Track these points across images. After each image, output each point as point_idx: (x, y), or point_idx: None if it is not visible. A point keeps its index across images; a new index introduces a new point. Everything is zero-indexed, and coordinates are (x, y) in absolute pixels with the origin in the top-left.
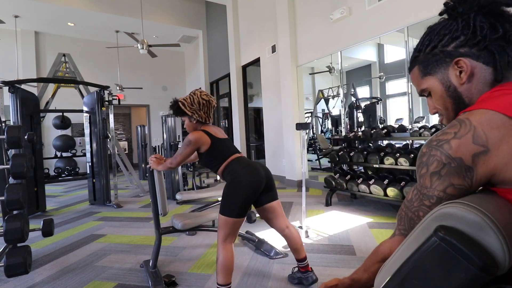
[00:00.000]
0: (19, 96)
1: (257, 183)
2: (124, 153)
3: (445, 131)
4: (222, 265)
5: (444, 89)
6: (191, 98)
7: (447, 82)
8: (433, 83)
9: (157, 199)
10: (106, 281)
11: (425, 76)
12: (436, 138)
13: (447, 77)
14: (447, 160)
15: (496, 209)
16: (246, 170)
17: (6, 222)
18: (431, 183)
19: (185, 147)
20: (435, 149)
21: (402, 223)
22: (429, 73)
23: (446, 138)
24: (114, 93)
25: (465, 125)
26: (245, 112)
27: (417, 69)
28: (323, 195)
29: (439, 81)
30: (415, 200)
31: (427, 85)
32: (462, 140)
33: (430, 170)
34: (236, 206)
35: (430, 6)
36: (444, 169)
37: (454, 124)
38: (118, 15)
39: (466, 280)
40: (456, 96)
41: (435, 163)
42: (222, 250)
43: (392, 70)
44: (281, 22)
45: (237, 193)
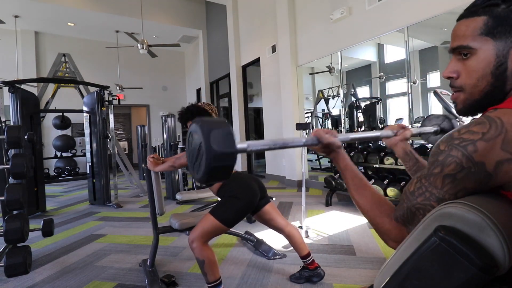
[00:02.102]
0: (19, 96)
1: (253, 202)
2: (124, 153)
3: (471, 129)
4: (210, 265)
5: (494, 63)
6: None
7: (503, 57)
8: (488, 49)
9: (154, 199)
10: (106, 281)
11: (486, 36)
12: (459, 136)
13: (507, 52)
14: (468, 164)
15: (497, 209)
16: (244, 190)
17: (6, 222)
18: (442, 185)
19: None
20: (456, 149)
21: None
22: (494, 35)
23: (472, 138)
24: (114, 93)
25: (496, 126)
26: (245, 112)
27: (481, 21)
28: (323, 195)
29: (496, 51)
30: (418, 195)
31: (480, 46)
32: (490, 143)
33: (445, 172)
34: (233, 218)
35: (430, 6)
36: (461, 173)
37: (482, 122)
38: (118, 15)
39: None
40: (500, 79)
41: (453, 165)
42: (204, 252)
43: (392, 70)
44: (281, 22)
45: (237, 208)
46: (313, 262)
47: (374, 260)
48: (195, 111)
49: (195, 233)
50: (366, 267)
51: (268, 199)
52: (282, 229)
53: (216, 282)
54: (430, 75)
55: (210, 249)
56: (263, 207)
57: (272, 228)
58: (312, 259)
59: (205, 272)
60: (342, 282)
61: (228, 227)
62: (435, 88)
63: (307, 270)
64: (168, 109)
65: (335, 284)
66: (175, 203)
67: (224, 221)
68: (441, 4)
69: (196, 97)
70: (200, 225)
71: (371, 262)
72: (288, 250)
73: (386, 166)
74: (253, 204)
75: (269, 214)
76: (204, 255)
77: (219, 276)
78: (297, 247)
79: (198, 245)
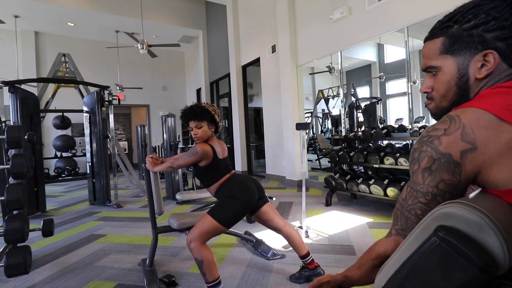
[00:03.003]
0: (19, 96)
1: (251, 202)
2: (124, 153)
3: (435, 127)
4: (208, 265)
5: (456, 76)
6: (214, 110)
7: (463, 70)
8: (449, 64)
9: (153, 199)
10: (106, 281)
11: (445, 54)
12: (427, 134)
13: (467, 65)
14: (437, 156)
15: (496, 209)
16: (242, 191)
17: (6, 222)
18: (423, 179)
19: (190, 155)
20: (425, 144)
21: (398, 223)
22: (452, 52)
23: (436, 134)
24: (114, 93)
25: (454, 122)
26: (245, 112)
27: (440, 42)
28: (323, 195)
29: (456, 66)
30: (409, 198)
31: (441, 64)
32: (451, 136)
33: (422, 166)
34: (232, 218)
35: (430, 6)
36: (434, 165)
37: (444, 120)
38: (118, 15)
39: (466, 280)
40: (464, 88)
41: (426, 158)
42: (202, 252)
43: (392, 70)
44: (281, 22)
45: (236, 209)
46: (312, 261)
47: None
48: (199, 111)
49: (193, 234)
50: None
51: (266, 200)
52: (280, 229)
53: (215, 282)
54: None
55: (209, 249)
56: (261, 207)
57: (270, 228)
58: (311, 259)
59: (204, 272)
60: None
61: (226, 227)
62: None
63: (307, 269)
64: (168, 109)
65: None
66: (175, 203)
67: (222, 221)
68: (441, 4)
69: (196, 97)
70: (198, 225)
71: None
72: (288, 250)
73: (386, 166)
74: (251, 205)
75: (267, 215)
76: (202, 255)
77: (218, 275)
78: (296, 247)
79: (196, 245)
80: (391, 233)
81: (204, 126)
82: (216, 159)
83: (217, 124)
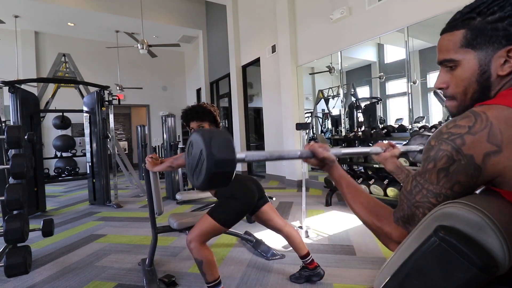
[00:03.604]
0: (19, 96)
1: (251, 202)
2: (124, 153)
3: (458, 124)
4: (208, 265)
5: (477, 72)
6: (214, 110)
7: (485, 65)
8: (470, 59)
9: (153, 199)
10: (106, 281)
11: (466, 48)
12: (447, 130)
13: (489, 60)
14: (458, 157)
15: (497, 209)
16: (242, 191)
17: (6, 222)
18: (437, 179)
19: None
20: (445, 143)
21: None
22: (473, 46)
23: (459, 132)
24: (114, 93)
25: (481, 120)
26: (245, 112)
27: (460, 34)
28: (323, 195)
29: (477, 61)
30: (416, 193)
31: (462, 58)
32: (477, 136)
33: (438, 166)
34: (232, 218)
35: (430, 6)
36: (453, 166)
37: (468, 116)
38: (118, 15)
39: (466, 280)
40: (485, 85)
41: (444, 158)
42: (202, 252)
43: (392, 70)
44: (281, 22)
45: (235, 208)
46: (312, 261)
47: (374, 260)
48: (201, 111)
49: (193, 234)
50: (366, 267)
51: (266, 200)
52: (280, 229)
53: (215, 282)
54: (430, 75)
55: (208, 249)
56: (261, 207)
57: (270, 228)
58: (311, 259)
59: (204, 272)
60: (342, 282)
61: (226, 227)
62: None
63: (306, 269)
64: (168, 109)
65: (335, 284)
66: (175, 203)
67: (222, 221)
68: (441, 4)
69: (196, 97)
70: (198, 225)
71: (371, 262)
72: (287, 250)
73: None
74: (251, 205)
75: (267, 215)
76: (202, 256)
77: (218, 275)
78: (296, 247)
79: (196, 246)
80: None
81: (206, 126)
82: None
83: (218, 125)
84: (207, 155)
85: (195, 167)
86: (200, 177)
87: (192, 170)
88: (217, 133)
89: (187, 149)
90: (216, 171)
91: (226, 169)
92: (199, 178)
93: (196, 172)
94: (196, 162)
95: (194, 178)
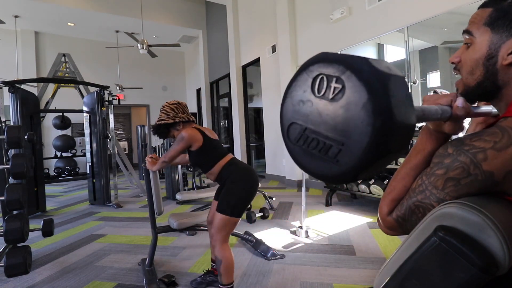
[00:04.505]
0: (19, 96)
1: (256, 185)
2: (124, 153)
3: (482, 137)
4: (226, 266)
5: (485, 55)
6: (163, 111)
7: (494, 50)
8: (484, 40)
9: (153, 199)
10: (106, 281)
11: (487, 26)
12: (470, 142)
13: (499, 46)
14: (475, 172)
15: (497, 210)
16: (246, 172)
17: (6, 222)
18: (443, 186)
19: (178, 143)
20: (465, 155)
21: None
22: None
23: (483, 146)
24: (114, 93)
25: (508, 136)
26: (245, 112)
27: (488, 12)
28: (323, 195)
29: (489, 43)
30: (419, 193)
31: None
32: (502, 153)
33: (449, 175)
34: (239, 205)
35: (430, 6)
36: (466, 179)
37: (494, 132)
38: (118, 15)
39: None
40: (491, 71)
41: (459, 170)
42: (223, 252)
43: None
44: (281, 22)
45: (240, 193)
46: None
47: (374, 260)
48: (159, 132)
49: (217, 238)
50: (366, 267)
51: None
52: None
53: (229, 285)
54: (430, 75)
55: (230, 250)
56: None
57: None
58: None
59: (221, 272)
60: (342, 282)
61: (237, 217)
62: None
63: (211, 275)
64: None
65: (335, 284)
66: (175, 203)
67: (230, 212)
68: (441, 4)
69: (196, 97)
70: (217, 229)
71: (371, 262)
72: (288, 250)
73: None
74: (256, 186)
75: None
76: (223, 256)
77: (233, 280)
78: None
79: (220, 246)
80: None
81: (174, 132)
82: (208, 138)
83: (180, 119)
84: (380, 114)
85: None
86: (348, 158)
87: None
88: (387, 66)
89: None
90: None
91: (401, 146)
92: (343, 161)
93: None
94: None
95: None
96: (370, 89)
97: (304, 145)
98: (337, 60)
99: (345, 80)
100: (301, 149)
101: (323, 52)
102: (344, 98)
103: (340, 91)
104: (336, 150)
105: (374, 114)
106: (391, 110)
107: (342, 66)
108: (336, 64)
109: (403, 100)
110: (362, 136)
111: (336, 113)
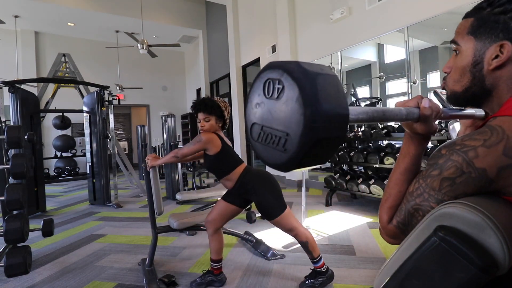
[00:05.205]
0: (19, 96)
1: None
2: (124, 153)
3: (472, 137)
4: (311, 244)
5: (471, 62)
6: (221, 102)
7: (479, 57)
8: (469, 47)
9: (153, 199)
10: (106, 281)
11: (470, 35)
12: (461, 142)
13: (483, 52)
14: (468, 169)
15: (497, 210)
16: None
17: (6, 222)
18: (440, 187)
19: (194, 143)
20: (456, 154)
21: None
22: (476, 35)
23: (473, 144)
24: (114, 93)
25: (497, 133)
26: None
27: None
28: (323, 195)
29: (473, 51)
30: (417, 196)
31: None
32: (492, 149)
33: (444, 175)
34: (277, 200)
35: (430, 6)
36: (461, 178)
37: (484, 131)
38: (118, 15)
39: (466, 280)
40: (477, 77)
41: (452, 169)
42: (303, 234)
43: (392, 70)
44: (281, 22)
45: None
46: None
47: (374, 260)
48: (210, 105)
49: (291, 233)
50: (366, 267)
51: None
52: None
53: (319, 256)
54: (430, 75)
55: (308, 231)
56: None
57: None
58: (220, 265)
59: (310, 250)
60: (342, 282)
61: (285, 207)
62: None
63: (211, 274)
64: (168, 109)
65: (335, 284)
66: (175, 203)
67: (279, 210)
68: (441, 4)
69: (196, 97)
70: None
71: (371, 262)
72: (288, 250)
73: (386, 166)
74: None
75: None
76: (306, 237)
77: (319, 252)
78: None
79: (296, 231)
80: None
81: (212, 120)
82: (227, 145)
83: (225, 120)
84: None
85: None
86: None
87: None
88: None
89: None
90: (326, 137)
91: (337, 133)
92: (289, 148)
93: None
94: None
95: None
96: (300, 85)
97: (263, 141)
98: (278, 66)
99: (284, 80)
100: (261, 145)
101: (270, 62)
102: (284, 95)
103: (282, 90)
104: (284, 140)
105: (305, 105)
106: (318, 101)
107: (281, 70)
108: (277, 69)
109: (333, 94)
110: (298, 125)
111: (281, 109)
